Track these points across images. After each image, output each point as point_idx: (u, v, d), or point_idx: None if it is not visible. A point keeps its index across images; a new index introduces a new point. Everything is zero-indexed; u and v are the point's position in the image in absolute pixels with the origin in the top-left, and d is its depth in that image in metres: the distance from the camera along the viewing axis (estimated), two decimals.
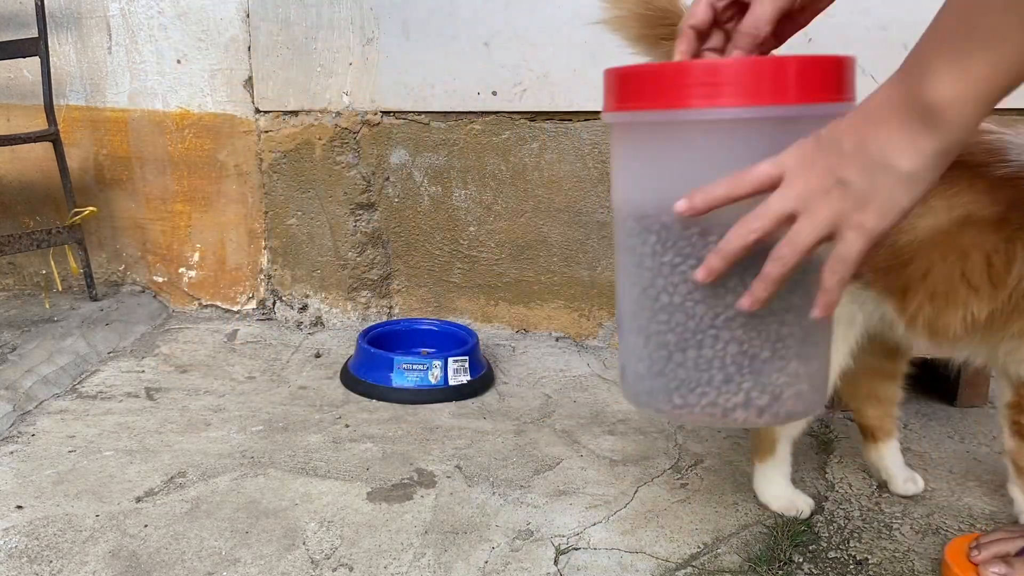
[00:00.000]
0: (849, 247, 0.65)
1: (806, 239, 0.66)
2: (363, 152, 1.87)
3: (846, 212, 0.64)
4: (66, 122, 1.97)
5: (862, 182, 0.63)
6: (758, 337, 0.76)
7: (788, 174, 0.66)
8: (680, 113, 0.72)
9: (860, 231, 0.64)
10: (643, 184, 0.80)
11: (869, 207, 0.63)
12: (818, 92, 0.71)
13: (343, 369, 1.65)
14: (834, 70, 0.72)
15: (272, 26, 1.84)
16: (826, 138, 0.65)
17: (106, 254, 2.06)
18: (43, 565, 1.02)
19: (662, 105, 0.73)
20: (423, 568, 1.02)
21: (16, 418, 1.44)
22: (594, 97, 1.77)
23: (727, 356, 0.76)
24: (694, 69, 0.71)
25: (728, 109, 0.69)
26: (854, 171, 0.63)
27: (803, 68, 0.70)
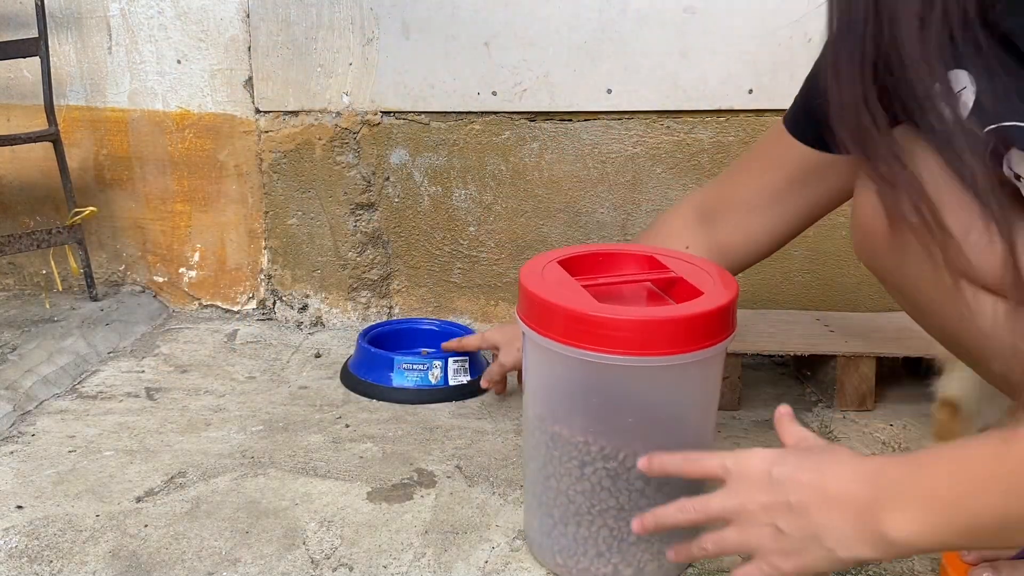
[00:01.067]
0: (754, 572, 0.72)
1: (726, 546, 0.75)
2: (363, 152, 1.87)
3: (770, 549, 0.70)
4: (66, 122, 1.97)
5: (795, 540, 0.68)
6: (627, 527, 0.89)
7: (732, 483, 0.74)
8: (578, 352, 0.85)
9: (772, 568, 0.70)
10: (539, 391, 0.95)
11: (791, 559, 0.69)
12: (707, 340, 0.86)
13: (343, 369, 1.64)
14: (718, 319, 0.87)
15: (272, 26, 1.84)
16: (778, 477, 0.70)
17: (106, 254, 2.06)
18: (43, 565, 1.02)
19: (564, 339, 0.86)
20: (423, 568, 1.02)
21: (16, 418, 1.44)
22: (594, 97, 1.79)
23: (600, 538, 0.92)
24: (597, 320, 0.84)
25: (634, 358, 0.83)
26: (792, 527, 0.68)
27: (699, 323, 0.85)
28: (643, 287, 0.98)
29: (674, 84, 1.72)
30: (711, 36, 1.69)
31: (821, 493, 0.67)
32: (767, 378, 1.63)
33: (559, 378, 0.92)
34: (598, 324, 0.83)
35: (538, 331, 0.88)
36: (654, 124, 1.76)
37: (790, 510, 0.69)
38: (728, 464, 0.74)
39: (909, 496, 0.63)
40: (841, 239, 1.73)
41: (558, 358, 0.88)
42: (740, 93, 1.70)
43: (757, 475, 0.71)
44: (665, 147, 1.76)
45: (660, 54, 1.71)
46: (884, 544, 0.64)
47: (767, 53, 1.68)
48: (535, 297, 0.88)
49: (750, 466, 0.73)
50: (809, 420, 1.43)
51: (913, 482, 0.64)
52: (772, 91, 1.69)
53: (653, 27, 1.70)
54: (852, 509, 0.66)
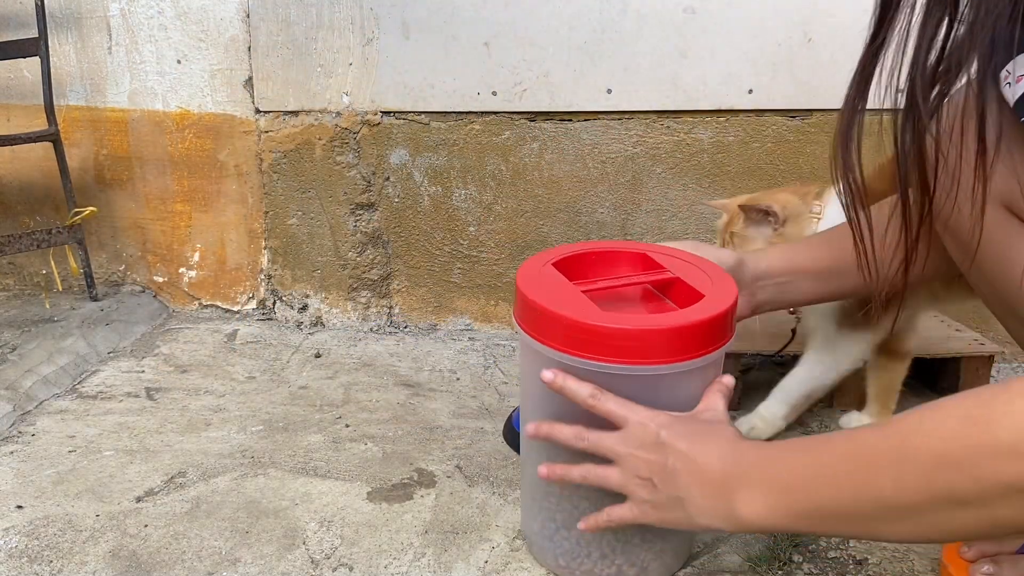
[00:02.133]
0: (626, 513, 0.82)
1: (608, 483, 0.82)
2: (363, 152, 1.87)
3: (642, 498, 0.80)
4: (66, 122, 1.97)
5: (663, 496, 0.77)
6: (631, 528, 0.91)
7: (628, 432, 0.81)
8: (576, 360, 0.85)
9: (643, 514, 0.80)
10: (538, 396, 0.95)
11: (658, 512, 0.79)
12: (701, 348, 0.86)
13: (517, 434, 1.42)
14: (712, 327, 0.86)
15: (272, 26, 1.84)
16: (664, 440, 0.78)
17: (106, 254, 2.06)
18: (43, 565, 1.02)
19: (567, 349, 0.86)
20: (423, 568, 1.02)
21: (16, 418, 1.44)
22: (594, 97, 1.79)
23: (603, 541, 0.94)
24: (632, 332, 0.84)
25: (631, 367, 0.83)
26: (664, 485, 0.77)
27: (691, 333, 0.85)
28: (641, 288, 0.98)
29: (674, 84, 1.72)
30: (711, 36, 1.69)
31: (691, 463, 0.75)
32: (767, 378, 1.63)
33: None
34: (600, 334, 0.83)
35: (538, 339, 0.88)
36: (654, 124, 1.76)
37: (665, 471, 0.77)
38: (630, 417, 0.81)
39: (757, 479, 0.70)
40: None
41: (558, 366, 0.87)
42: (740, 93, 1.70)
43: (650, 433, 0.79)
44: (665, 147, 1.76)
45: (660, 54, 1.71)
46: (734, 520, 0.72)
47: (767, 53, 1.68)
48: (535, 305, 0.87)
49: (647, 425, 0.80)
50: (809, 420, 1.43)
51: (765, 467, 0.71)
52: (772, 91, 1.69)
53: (653, 27, 1.70)
54: (711, 484, 0.74)
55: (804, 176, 1.72)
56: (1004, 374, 1.65)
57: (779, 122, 1.72)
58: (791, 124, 1.72)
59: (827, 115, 1.70)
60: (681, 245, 1.03)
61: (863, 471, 0.63)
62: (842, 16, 1.65)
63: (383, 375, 1.67)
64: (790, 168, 1.72)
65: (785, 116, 1.71)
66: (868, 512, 0.63)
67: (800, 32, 1.66)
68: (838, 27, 1.65)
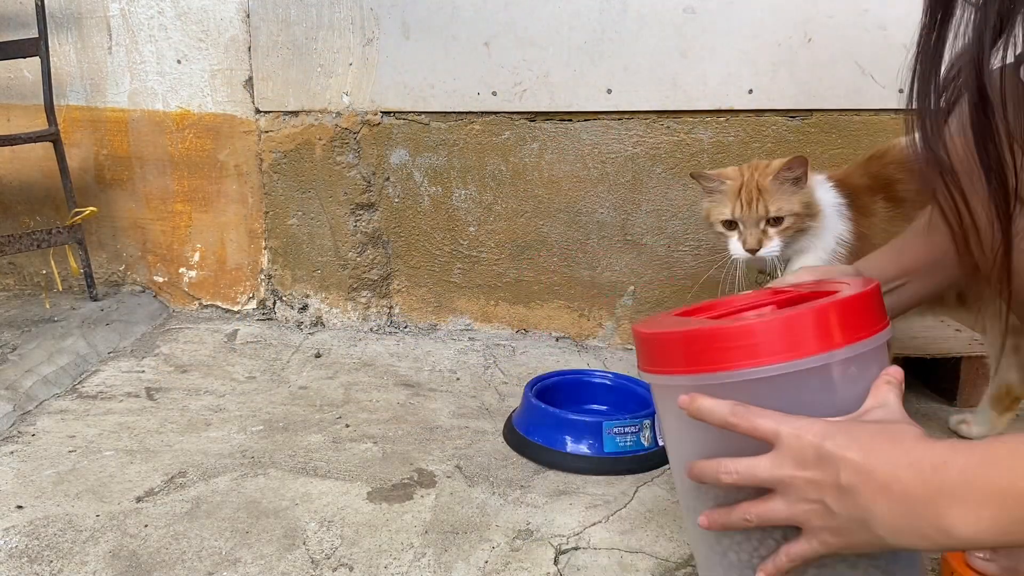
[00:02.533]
0: (806, 549, 0.68)
1: (774, 518, 0.69)
2: (363, 152, 1.87)
3: (819, 527, 0.67)
4: (66, 122, 1.97)
5: (843, 520, 0.65)
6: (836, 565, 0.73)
7: (782, 451, 0.68)
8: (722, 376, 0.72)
9: (823, 545, 0.67)
10: (689, 452, 0.80)
11: (840, 536, 0.66)
12: (854, 333, 0.71)
13: (511, 430, 1.38)
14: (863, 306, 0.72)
15: (272, 26, 1.84)
16: (828, 453, 0.65)
17: (106, 254, 2.06)
18: (43, 565, 1.02)
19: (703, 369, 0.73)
20: (423, 568, 1.02)
21: (16, 418, 1.44)
22: (594, 97, 1.79)
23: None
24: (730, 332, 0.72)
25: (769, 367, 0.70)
26: (840, 507, 0.65)
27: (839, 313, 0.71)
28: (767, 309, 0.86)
29: (674, 84, 1.72)
30: (711, 36, 1.69)
31: (869, 477, 0.63)
32: None
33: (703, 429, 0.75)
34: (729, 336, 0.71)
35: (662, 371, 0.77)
36: (654, 124, 1.76)
37: (838, 490, 0.65)
38: (781, 429, 0.69)
39: (978, 492, 0.59)
40: None
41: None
42: (740, 93, 1.70)
43: (809, 446, 0.67)
44: (665, 147, 1.76)
45: (660, 54, 1.71)
46: (943, 538, 0.61)
47: (767, 53, 1.68)
48: (651, 337, 0.77)
49: (802, 436, 0.67)
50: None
51: (981, 476, 0.60)
52: (772, 91, 1.69)
53: (653, 27, 1.70)
54: (905, 501, 0.62)
55: None
56: None
57: (779, 122, 1.72)
58: (791, 124, 1.72)
59: (827, 115, 1.70)
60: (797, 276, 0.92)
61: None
62: (842, 16, 1.65)
63: (383, 375, 1.67)
64: None
65: (785, 116, 1.71)
66: None
67: (800, 32, 1.66)
68: (838, 27, 1.65)
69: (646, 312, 1.84)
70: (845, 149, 1.71)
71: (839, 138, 1.70)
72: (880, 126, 1.69)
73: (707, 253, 1.78)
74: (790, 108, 1.70)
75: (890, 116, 1.67)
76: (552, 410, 1.32)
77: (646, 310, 1.84)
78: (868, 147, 1.71)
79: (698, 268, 1.79)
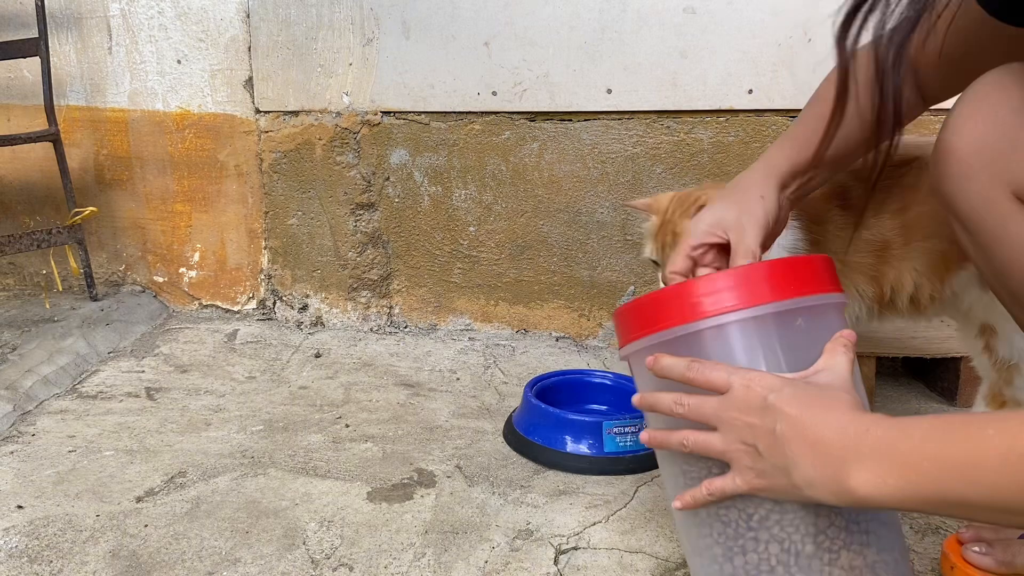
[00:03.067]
0: (727, 483, 0.76)
1: (707, 448, 0.77)
2: (363, 152, 1.87)
3: (745, 466, 0.74)
4: (66, 122, 1.97)
5: (768, 465, 0.72)
6: (796, 532, 0.77)
7: (732, 395, 0.75)
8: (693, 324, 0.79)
9: (746, 483, 0.74)
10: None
11: (761, 480, 0.73)
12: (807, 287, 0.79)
13: (511, 431, 1.37)
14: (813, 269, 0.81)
15: (272, 26, 1.84)
16: (771, 403, 0.72)
17: (106, 254, 2.06)
18: (43, 565, 1.02)
19: (678, 321, 0.80)
20: (423, 568, 1.02)
21: (16, 418, 1.44)
22: (594, 97, 1.79)
23: (771, 557, 0.78)
24: (695, 285, 0.80)
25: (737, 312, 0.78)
26: (769, 452, 0.72)
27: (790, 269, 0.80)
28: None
29: (674, 84, 1.72)
30: (711, 36, 1.69)
31: (801, 431, 0.70)
32: None
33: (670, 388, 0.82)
34: (690, 291, 0.78)
35: (635, 336, 0.83)
36: (654, 124, 1.76)
37: (772, 436, 0.71)
38: (733, 380, 0.75)
39: (883, 458, 0.65)
40: None
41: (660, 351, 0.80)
42: (740, 93, 1.70)
43: (755, 396, 0.73)
44: (665, 147, 1.76)
45: (660, 54, 1.71)
46: (846, 496, 0.67)
47: (767, 53, 1.68)
48: (623, 311, 0.85)
49: (751, 386, 0.74)
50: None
51: (892, 447, 0.66)
52: (772, 91, 1.69)
53: (653, 27, 1.70)
54: (823, 456, 0.68)
55: None
56: None
57: (779, 122, 1.72)
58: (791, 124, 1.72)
59: None
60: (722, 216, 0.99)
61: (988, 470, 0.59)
62: None
63: (383, 375, 1.67)
64: None
65: (785, 116, 1.71)
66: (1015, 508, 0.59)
67: (800, 32, 1.66)
68: None
69: None
70: None
71: None
72: None
73: None
74: (790, 108, 1.70)
75: None
76: (552, 410, 1.32)
77: None
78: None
79: None
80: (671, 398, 0.80)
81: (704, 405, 0.77)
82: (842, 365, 0.77)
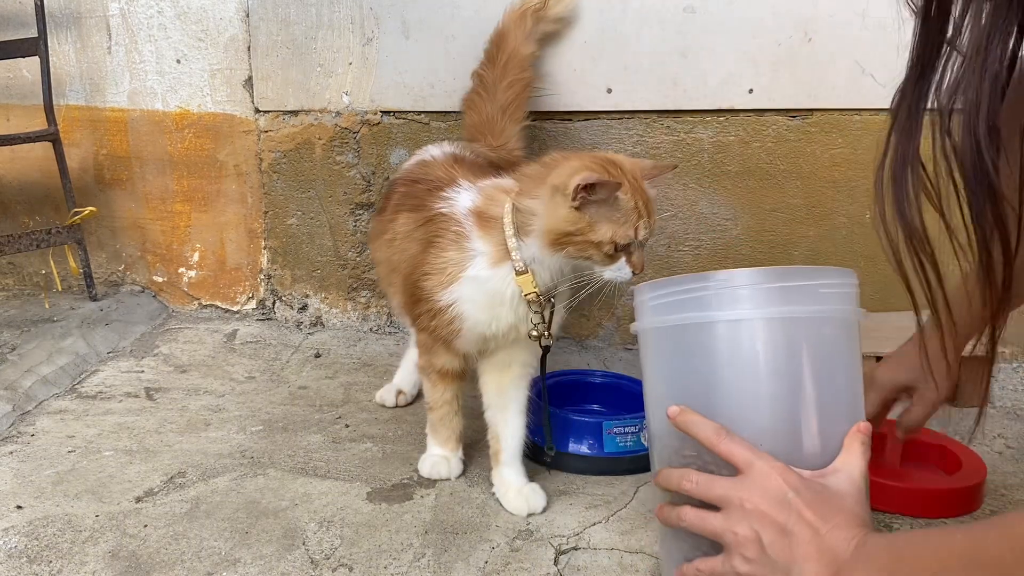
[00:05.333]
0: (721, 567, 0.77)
1: (709, 528, 0.78)
2: (363, 152, 1.87)
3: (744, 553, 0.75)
4: (66, 122, 1.97)
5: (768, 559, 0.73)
6: None
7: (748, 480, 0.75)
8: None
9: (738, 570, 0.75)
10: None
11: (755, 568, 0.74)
12: None
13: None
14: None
15: (272, 26, 1.84)
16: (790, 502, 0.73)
17: (106, 254, 2.06)
18: (43, 565, 1.02)
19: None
20: (423, 568, 1.02)
21: (16, 418, 1.44)
22: (594, 97, 1.78)
23: None
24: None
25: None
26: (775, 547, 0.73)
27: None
28: None
29: (674, 83, 1.72)
30: (711, 36, 1.69)
31: (816, 538, 0.71)
32: None
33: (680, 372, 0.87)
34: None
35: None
36: (654, 124, 1.76)
37: (782, 532, 0.72)
38: (756, 463, 0.76)
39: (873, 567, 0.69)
40: (841, 239, 1.73)
41: None
42: (740, 93, 1.70)
43: (774, 487, 0.74)
44: (665, 147, 1.76)
45: (660, 54, 1.71)
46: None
47: (767, 53, 1.68)
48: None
49: (772, 476, 0.74)
50: None
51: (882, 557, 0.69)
52: (772, 91, 1.69)
53: (653, 26, 1.70)
54: (827, 562, 0.71)
55: (804, 176, 1.72)
56: (1004, 375, 1.65)
57: (779, 122, 1.72)
58: (791, 124, 1.72)
59: (827, 115, 1.70)
60: None
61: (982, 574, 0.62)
62: (842, 16, 1.64)
63: (383, 375, 1.67)
64: (790, 168, 1.72)
65: (785, 116, 1.71)
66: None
67: (800, 32, 1.66)
68: (838, 27, 1.65)
69: None
70: (846, 148, 1.70)
71: (839, 137, 1.70)
72: (880, 125, 1.67)
73: (707, 254, 1.78)
74: (790, 107, 1.70)
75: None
76: (552, 410, 1.31)
77: None
78: (869, 146, 1.71)
79: (698, 268, 1.79)
80: (679, 475, 0.80)
81: (715, 485, 0.77)
82: (857, 468, 0.78)
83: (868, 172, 1.70)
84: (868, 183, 1.70)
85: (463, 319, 1.12)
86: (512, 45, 1.61)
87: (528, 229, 1.07)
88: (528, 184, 1.10)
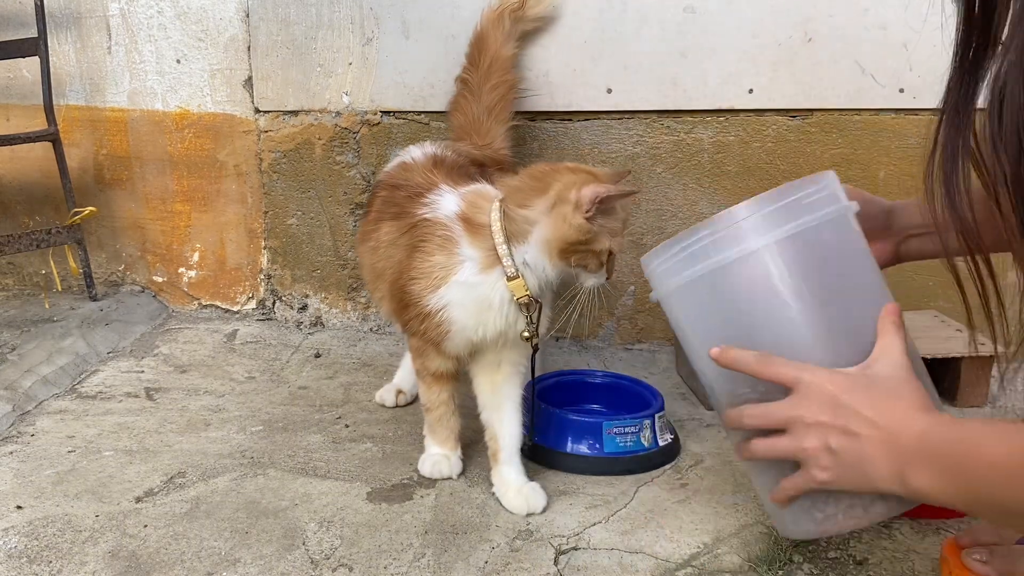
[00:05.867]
0: (803, 481, 0.81)
1: (779, 451, 0.82)
2: (363, 152, 1.87)
3: (818, 463, 0.78)
4: (66, 122, 1.97)
5: (841, 460, 0.77)
6: None
7: (800, 395, 0.79)
8: None
9: (818, 480, 0.79)
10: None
11: (833, 473, 0.78)
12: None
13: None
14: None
15: (272, 26, 1.84)
16: (845, 404, 0.76)
17: (106, 254, 2.06)
18: (43, 565, 1.02)
19: None
20: (423, 568, 1.02)
21: (16, 418, 1.44)
22: (594, 97, 1.78)
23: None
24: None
25: None
26: (844, 449, 0.76)
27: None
28: None
29: (674, 83, 1.72)
30: (711, 36, 1.69)
31: (876, 430, 0.75)
32: None
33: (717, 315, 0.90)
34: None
35: None
36: (654, 124, 1.76)
37: (846, 434, 0.76)
38: (803, 376, 0.78)
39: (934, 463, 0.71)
40: None
41: None
42: (740, 93, 1.70)
43: (827, 396, 0.77)
44: (665, 147, 1.76)
45: (660, 54, 1.71)
46: (912, 493, 0.73)
47: (767, 53, 1.68)
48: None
49: (822, 385, 0.77)
50: None
51: (947, 454, 0.71)
52: (772, 91, 1.69)
53: (653, 26, 1.70)
54: (895, 455, 0.74)
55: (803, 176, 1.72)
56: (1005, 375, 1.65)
57: (779, 122, 1.72)
58: (791, 124, 1.72)
59: (827, 114, 1.70)
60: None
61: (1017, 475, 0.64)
62: (842, 16, 1.64)
63: (383, 375, 1.67)
64: (790, 168, 1.72)
65: (785, 116, 1.71)
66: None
67: (800, 32, 1.66)
68: (838, 27, 1.65)
69: (646, 312, 1.83)
70: (845, 149, 1.70)
71: (839, 137, 1.70)
72: (880, 125, 1.69)
73: None
74: (790, 108, 1.70)
75: (890, 116, 1.66)
76: (552, 410, 1.32)
77: (646, 310, 1.83)
78: (869, 146, 1.71)
79: None
80: (736, 414, 0.84)
81: (772, 411, 0.81)
82: (896, 349, 0.80)
83: (868, 172, 1.71)
84: (868, 183, 1.71)
85: (451, 322, 1.14)
86: (493, 48, 1.61)
87: (524, 237, 1.10)
88: (517, 194, 1.12)
